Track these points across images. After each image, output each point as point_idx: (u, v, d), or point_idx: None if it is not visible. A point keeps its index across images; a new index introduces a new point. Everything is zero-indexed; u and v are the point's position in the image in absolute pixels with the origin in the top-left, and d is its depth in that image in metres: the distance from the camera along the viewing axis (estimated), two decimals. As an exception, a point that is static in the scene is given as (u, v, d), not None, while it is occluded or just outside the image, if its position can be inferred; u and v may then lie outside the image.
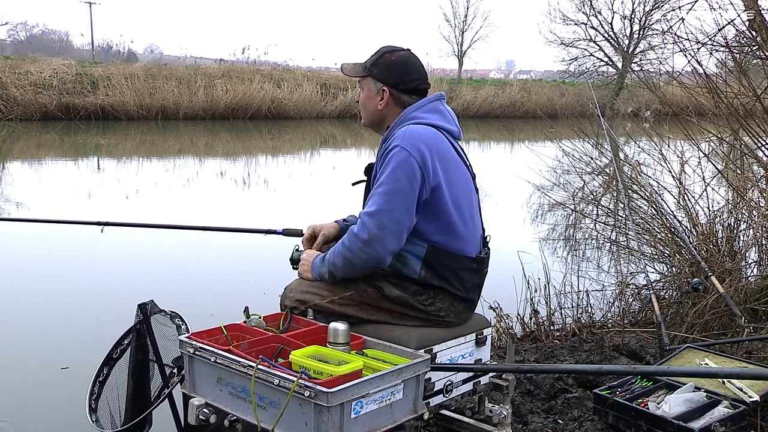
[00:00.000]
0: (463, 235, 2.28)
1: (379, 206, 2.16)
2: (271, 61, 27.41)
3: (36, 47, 34.86)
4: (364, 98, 2.41)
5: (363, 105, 2.43)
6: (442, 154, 2.24)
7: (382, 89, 2.36)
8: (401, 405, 1.94)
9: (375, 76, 2.36)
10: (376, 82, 2.36)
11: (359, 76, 2.41)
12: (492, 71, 50.07)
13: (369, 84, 2.38)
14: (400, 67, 2.36)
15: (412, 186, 2.16)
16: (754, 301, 3.96)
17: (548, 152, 7.38)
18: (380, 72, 2.35)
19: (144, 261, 6.22)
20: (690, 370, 2.86)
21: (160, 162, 14.85)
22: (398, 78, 2.35)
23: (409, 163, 2.16)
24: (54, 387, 3.74)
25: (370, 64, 2.38)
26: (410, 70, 2.38)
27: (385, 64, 2.36)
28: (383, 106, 2.37)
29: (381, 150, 2.31)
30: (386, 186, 2.17)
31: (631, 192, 5.22)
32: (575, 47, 33.44)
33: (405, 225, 2.19)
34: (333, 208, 3.20)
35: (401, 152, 2.17)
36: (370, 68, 2.37)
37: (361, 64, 2.42)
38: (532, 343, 3.99)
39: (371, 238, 2.16)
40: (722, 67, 5.09)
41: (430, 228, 2.24)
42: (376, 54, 2.40)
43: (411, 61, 2.39)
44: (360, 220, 2.21)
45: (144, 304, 2.49)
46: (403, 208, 2.16)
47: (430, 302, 2.27)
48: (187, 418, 2.05)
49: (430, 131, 2.26)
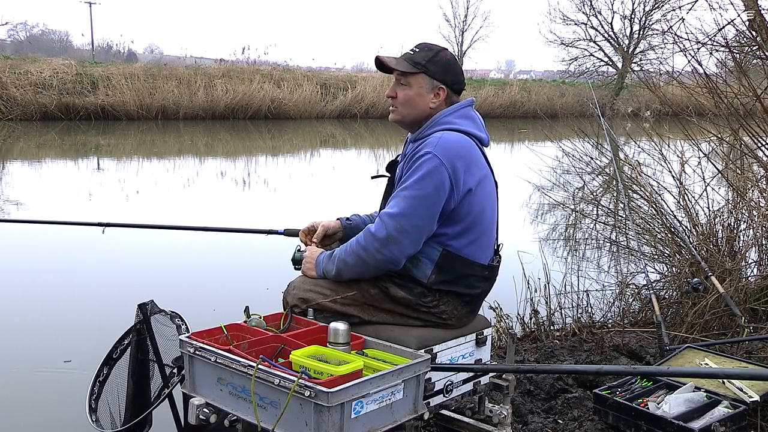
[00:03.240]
0: (479, 242, 2.28)
1: (402, 209, 2.15)
2: (271, 61, 27.47)
3: (36, 47, 34.95)
4: (413, 95, 2.29)
5: (409, 102, 2.30)
6: (473, 164, 2.22)
7: (439, 87, 2.29)
8: (401, 405, 1.94)
9: (431, 73, 2.28)
10: (432, 79, 2.28)
11: (412, 71, 2.28)
12: (492, 71, 50.19)
13: (421, 81, 2.28)
14: (456, 67, 2.35)
15: (439, 195, 2.15)
16: (754, 301, 3.96)
17: (548, 152, 7.37)
18: (438, 70, 2.29)
19: (144, 261, 6.22)
20: (690, 370, 2.86)
21: (160, 162, 14.85)
22: (454, 77, 2.33)
23: (439, 173, 2.14)
24: (54, 387, 3.73)
25: (426, 60, 2.28)
26: (460, 70, 2.37)
27: (442, 62, 2.30)
28: (436, 105, 2.30)
29: (410, 150, 2.28)
30: (413, 191, 2.15)
31: (631, 192, 5.22)
32: (575, 47, 33.54)
33: (425, 231, 2.18)
34: (333, 208, 3.19)
35: (433, 160, 2.15)
36: (425, 65, 2.28)
37: (406, 59, 2.31)
38: (532, 343, 4.00)
39: (389, 239, 2.14)
40: (722, 67, 5.10)
41: (448, 232, 2.22)
42: (426, 51, 2.30)
43: (458, 62, 2.39)
44: (380, 220, 2.18)
45: (144, 304, 2.49)
46: (425, 215, 2.15)
47: (435, 304, 2.26)
48: (187, 418, 2.05)
49: (463, 139, 2.24)
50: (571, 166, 6.79)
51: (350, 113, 25.79)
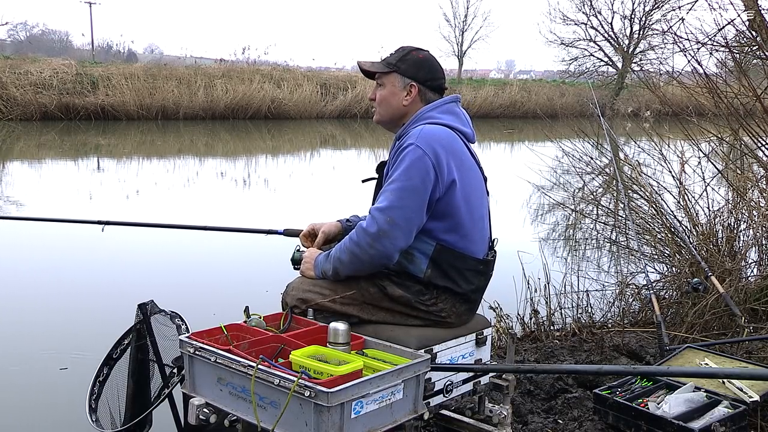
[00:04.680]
0: (471, 236, 2.29)
1: (391, 202, 2.16)
2: (271, 61, 27.47)
3: (36, 47, 34.97)
4: (387, 94, 2.37)
5: (384, 101, 2.39)
6: (456, 155, 2.24)
7: (410, 85, 2.34)
8: (401, 405, 1.94)
9: (402, 71, 2.35)
10: (404, 77, 2.35)
11: (384, 71, 2.37)
12: (492, 71, 50.23)
13: (394, 80, 2.36)
14: (429, 64, 2.38)
15: (425, 185, 2.17)
16: (754, 301, 3.96)
17: (548, 152, 7.37)
18: (408, 68, 2.35)
19: (144, 261, 6.22)
20: (690, 370, 2.86)
21: (160, 162, 14.85)
22: (427, 74, 2.36)
23: (423, 162, 2.16)
24: (54, 387, 3.73)
25: (396, 60, 2.36)
26: (436, 68, 2.39)
27: (413, 60, 2.36)
28: (409, 102, 2.36)
29: (394, 148, 2.30)
30: (399, 183, 2.17)
31: (631, 192, 5.22)
32: (575, 47, 33.52)
33: (415, 223, 2.18)
34: (334, 207, 3.20)
35: (416, 150, 2.17)
36: (396, 64, 2.36)
37: (381, 61, 2.41)
38: (532, 343, 3.99)
39: (380, 233, 2.15)
40: (722, 67, 5.10)
41: (440, 227, 2.24)
42: (399, 52, 2.39)
43: (435, 61, 2.41)
44: (370, 215, 2.20)
45: (144, 304, 2.49)
46: (414, 206, 2.16)
47: (433, 302, 2.27)
48: (187, 418, 2.05)
49: (445, 131, 2.26)
50: (571, 166, 6.78)
51: (350, 113, 25.80)
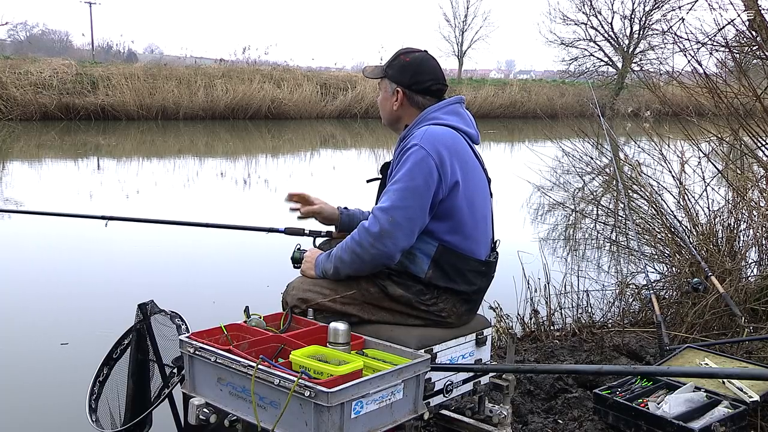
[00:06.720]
0: (473, 237, 2.29)
1: (393, 202, 2.17)
2: (271, 61, 27.46)
3: (36, 47, 34.98)
4: (382, 99, 2.45)
5: (381, 106, 2.47)
6: (460, 156, 2.25)
7: (396, 90, 2.38)
8: (401, 405, 1.94)
9: (390, 77, 2.40)
10: (391, 83, 2.40)
11: (377, 77, 2.45)
12: (492, 71, 50.23)
13: (386, 85, 2.42)
14: (413, 68, 2.38)
15: (428, 185, 2.17)
16: (754, 301, 3.96)
17: (548, 152, 7.38)
18: (395, 73, 2.39)
19: (145, 260, 6.22)
20: (690, 370, 2.86)
21: (160, 162, 14.85)
22: (411, 79, 2.37)
23: (426, 163, 2.17)
24: (54, 387, 3.73)
25: (387, 65, 2.43)
26: (423, 71, 2.39)
27: (399, 65, 2.39)
28: (398, 107, 2.39)
29: (398, 148, 2.31)
30: (402, 183, 2.18)
31: (631, 192, 5.22)
32: (575, 47, 33.52)
33: (417, 223, 2.19)
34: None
35: (420, 151, 2.18)
36: (386, 70, 2.42)
37: (377, 66, 2.48)
38: (532, 343, 3.99)
39: (382, 233, 2.15)
40: (722, 67, 5.08)
41: (442, 227, 2.24)
42: (392, 56, 2.44)
43: (425, 63, 2.40)
44: (372, 215, 2.21)
45: (144, 304, 2.49)
46: (417, 206, 2.17)
47: (433, 302, 2.27)
48: (187, 418, 2.05)
49: (449, 132, 2.27)
50: (571, 166, 6.80)
51: (350, 113, 25.79)
